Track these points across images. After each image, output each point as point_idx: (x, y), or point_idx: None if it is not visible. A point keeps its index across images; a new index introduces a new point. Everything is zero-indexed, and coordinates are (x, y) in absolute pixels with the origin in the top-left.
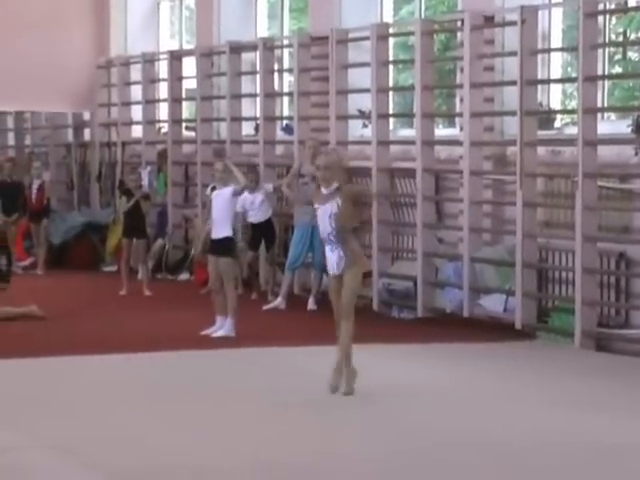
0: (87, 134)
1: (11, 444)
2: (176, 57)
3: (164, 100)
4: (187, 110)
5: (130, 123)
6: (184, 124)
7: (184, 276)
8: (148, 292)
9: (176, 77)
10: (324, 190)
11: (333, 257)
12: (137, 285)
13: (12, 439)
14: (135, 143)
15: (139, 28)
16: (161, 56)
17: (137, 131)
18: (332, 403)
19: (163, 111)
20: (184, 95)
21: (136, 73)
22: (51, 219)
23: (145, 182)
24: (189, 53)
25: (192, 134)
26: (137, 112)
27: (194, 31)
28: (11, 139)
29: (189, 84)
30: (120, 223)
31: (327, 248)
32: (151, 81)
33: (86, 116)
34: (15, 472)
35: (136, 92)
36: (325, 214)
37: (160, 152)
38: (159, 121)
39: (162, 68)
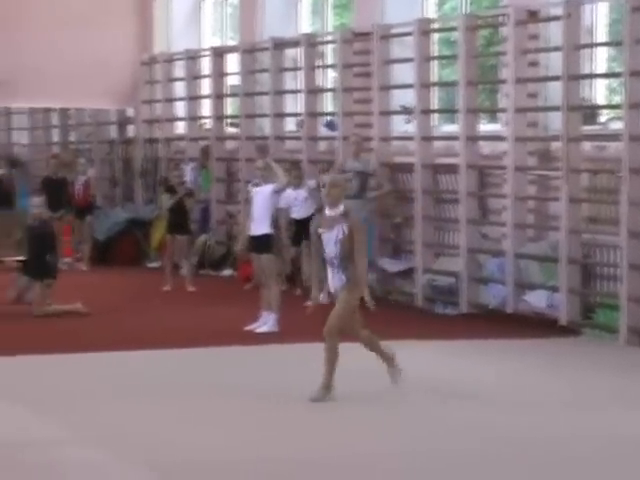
0: (131, 131)
1: (54, 439)
2: (219, 53)
3: (207, 97)
4: (230, 106)
5: (173, 119)
6: (227, 120)
7: (227, 272)
8: (191, 288)
9: (219, 73)
10: (329, 212)
11: (335, 280)
12: (181, 281)
13: (55, 434)
14: (178, 139)
15: (182, 25)
16: (204, 53)
17: (180, 127)
18: (373, 400)
19: (206, 107)
20: (227, 91)
21: (179, 70)
22: (95, 215)
23: (188, 178)
24: (232, 49)
25: (235, 130)
26: (180, 109)
27: (237, 27)
28: (56, 136)
29: (232, 80)
30: (164, 219)
31: (329, 269)
32: (194, 78)
33: (130, 113)
34: (58, 467)
35: (179, 89)
36: (331, 240)
37: (203, 148)
38: (202, 117)
39: (205, 65)
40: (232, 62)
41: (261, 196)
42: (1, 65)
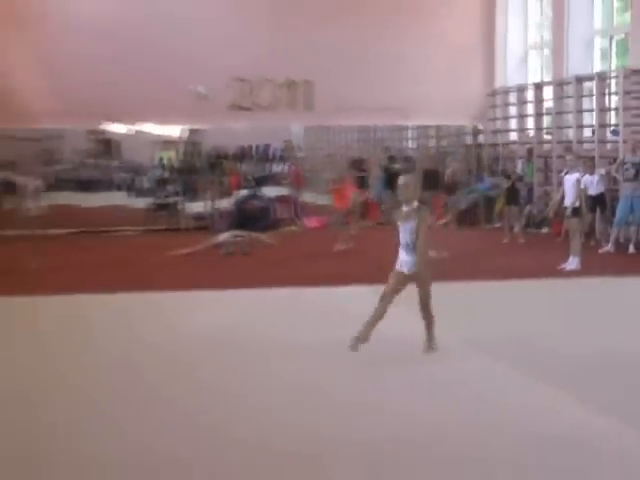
0: (480, 138)
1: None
2: (540, 87)
3: (531, 115)
4: (545, 121)
5: (508, 130)
6: (544, 130)
7: (545, 230)
8: (522, 240)
9: (540, 101)
10: (405, 207)
11: (407, 259)
12: (514, 236)
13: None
14: (512, 144)
15: (516, 62)
16: (529, 86)
17: (513, 136)
18: None
19: (529, 122)
20: (544, 111)
21: (512, 98)
22: (459, 192)
23: (519, 169)
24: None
25: (549, 137)
26: (513, 123)
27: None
28: (432, 142)
29: (547, 104)
30: (503, 195)
31: (403, 251)
32: (522, 103)
33: (480, 126)
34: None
35: (512, 110)
36: (406, 230)
37: (528, 149)
38: (527, 129)
39: (529, 96)
40: (548, 92)
41: (570, 181)
42: (399, 95)
